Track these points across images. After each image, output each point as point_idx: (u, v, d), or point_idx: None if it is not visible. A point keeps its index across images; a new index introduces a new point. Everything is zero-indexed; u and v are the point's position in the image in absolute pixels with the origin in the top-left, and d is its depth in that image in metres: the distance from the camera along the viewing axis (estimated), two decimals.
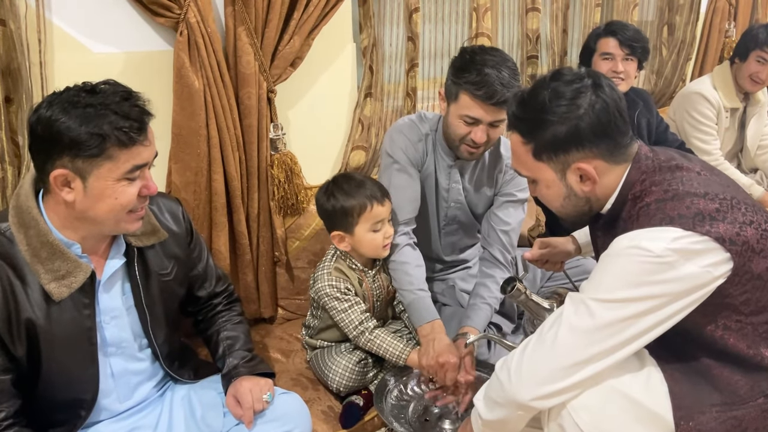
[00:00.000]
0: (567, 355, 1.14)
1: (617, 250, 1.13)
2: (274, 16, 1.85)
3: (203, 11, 1.74)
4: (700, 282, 1.09)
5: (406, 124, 1.90)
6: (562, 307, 1.19)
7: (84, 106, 1.14)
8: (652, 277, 1.08)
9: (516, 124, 1.26)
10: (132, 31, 1.77)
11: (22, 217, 1.20)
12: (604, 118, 1.17)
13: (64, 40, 1.67)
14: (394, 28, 2.37)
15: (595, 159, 1.20)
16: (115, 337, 1.34)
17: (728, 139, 2.98)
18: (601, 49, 2.37)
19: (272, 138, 2.00)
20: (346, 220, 1.73)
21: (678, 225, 1.09)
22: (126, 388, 1.38)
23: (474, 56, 1.68)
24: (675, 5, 3.38)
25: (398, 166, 1.84)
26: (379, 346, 1.72)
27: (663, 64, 3.46)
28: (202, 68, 1.78)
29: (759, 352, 1.15)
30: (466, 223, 1.99)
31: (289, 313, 2.19)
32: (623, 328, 1.11)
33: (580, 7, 2.96)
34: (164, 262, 1.40)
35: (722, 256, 1.09)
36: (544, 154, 1.23)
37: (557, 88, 1.20)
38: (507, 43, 2.77)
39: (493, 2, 2.55)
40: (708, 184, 1.16)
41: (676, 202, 1.13)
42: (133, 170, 1.19)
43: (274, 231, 2.08)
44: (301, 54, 1.97)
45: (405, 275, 1.78)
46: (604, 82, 1.20)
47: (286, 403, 1.45)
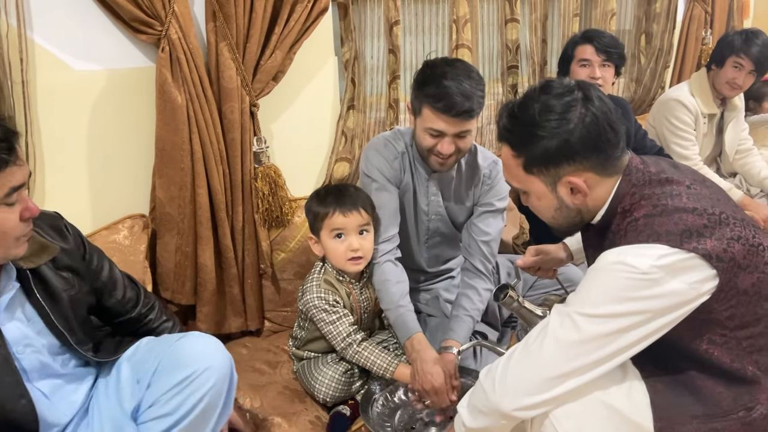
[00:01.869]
0: (551, 367, 1.15)
1: (604, 264, 1.14)
2: (255, 31, 1.87)
3: (184, 27, 1.76)
4: (686, 298, 1.10)
5: (381, 142, 1.91)
6: (548, 318, 1.20)
7: None
8: (637, 293, 1.10)
9: (506, 137, 1.27)
10: (114, 49, 1.78)
11: None
12: (594, 131, 1.18)
13: (46, 58, 1.68)
14: (375, 41, 2.40)
15: (585, 172, 1.21)
16: (35, 363, 1.27)
17: (707, 144, 3.03)
18: (579, 56, 2.41)
19: (256, 151, 2.02)
20: (315, 224, 1.80)
21: (665, 242, 1.10)
22: (64, 401, 1.33)
23: (434, 69, 1.69)
24: (652, 14, 3.44)
25: (377, 185, 1.86)
26: (366, 359, 1.73)
27: (642, 72, 3.51)
28: (185, 84, 1.79)
29: (743, 365, 1.16)
30: (449, 234, 2.01)
31: (275, 325, 2.20)
32: (608, 343, 1.12)
33: (559, 17, 3.01)
34: (64, 277, 1.33)
35: (708, 272, 1.10)
36: (534, 168, 1.23)
37: (547, 101, 1.20)
38: (487, 53, 2.81)
39: (473, 14, 2.58)
40: (698, 198, 1.17)
41: (665, 217, 1.13)
42: (10, 193, 1.12)
43: (259, 244, 2.09)
44: (283, 68, 1.99)
45: (386, 294, 1.80)
46: (594, 94, 1.20)
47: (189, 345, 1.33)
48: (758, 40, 2.74)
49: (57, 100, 1.73)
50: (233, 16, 1.81)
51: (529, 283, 2.07)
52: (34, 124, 1.68)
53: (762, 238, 1.17)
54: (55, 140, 1.74)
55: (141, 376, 1.33)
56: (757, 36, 2.76)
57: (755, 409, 1.15)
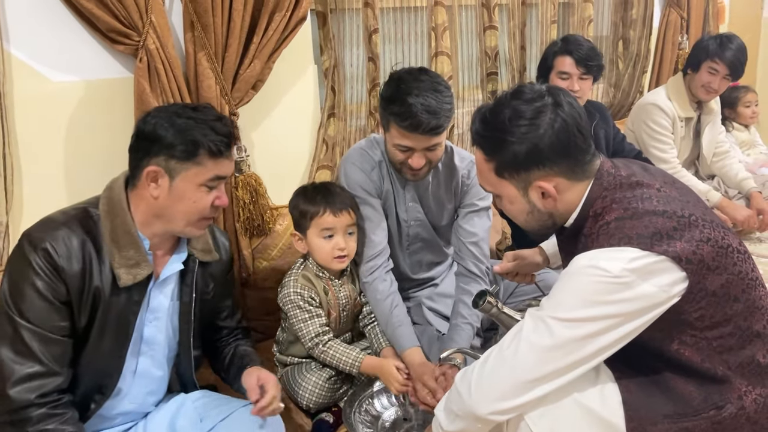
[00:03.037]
0: (526, 371, 1.16)
1: (576, 268, 1.15)
2: (233, 40, 1.88)
3: (162, 37, 1.76)
4: (656, 301, 1.11)
5: (357, 153, 1.91)
6: (522, 322, 1.21)
7: (186, 117, 1.32)
8: (609, 297, 1.10)
9: (478, 142, 1.29)
10: (91, 59, 1.78)
11: (113, 206, 1.34)
12: (563, 137, 1.19)
13: (23, 70, 1.68)
14: (354, 49, 2.41)
15: (555, 177, 1.23)
16: (151, 337, 1.42)
17: (684, 147, 3.08)
18: (558, 68, 2.43)
19: (236, 160, 2.02)
20: (302, 222, 1.80)
21: (636, 245, 1.11)
22: (140, 389, 1.44)
23: (399, 85, 1.67)
24: (628, 20, 3.49)
25: (359, 200, 1.86)
26: (332, 357, 1.75)
27: (620, 77, 3.56)
28: (163, 93, 1.80)
29: (713, 365, 1.18)
30: (429, 239, 2.02)
31: (258, 334, 2.19)
32: (581, 346, 1.13)
33: (537, 24, 3.05)
34: (208, 282, 1.52)
35: (678, 275, 1.11)
36: (505, 172, 1.25)
37: (517, 107, 1.21)
38: (466, 60, 2.84)
39: (451, 21, 2.61)
40: (668, 200, 1.18)
41: (635, 220, 1.14)
42: (214, 179, 1.35)
43: (240, 252, 2.09)
44: (262, 77, 2.00)
45: (381, 314, 1.85)
46: (564, 99, 1.22)
47: None
48: (732, 45, 2.79)
49: (35, 112, 1.72)
50: (211, 25, 1.82)
51: (509, 290, 2.08)
52: (11, 135, 1.68)
53: (731, 239, 1.19)
54: (33, 151, 1.74)
55: (205, 416, 1.46)
56: (732, 41, 2.80)
57: (725, 408, 1.16)
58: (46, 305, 1.24)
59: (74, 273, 1.26)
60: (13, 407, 1.21)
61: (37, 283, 1.23)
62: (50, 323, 1.25)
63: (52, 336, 1.25)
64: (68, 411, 1.27)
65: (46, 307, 1.24)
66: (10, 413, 1.22)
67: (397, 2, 2.54)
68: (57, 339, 1.26)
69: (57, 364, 1.25)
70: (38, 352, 1.23)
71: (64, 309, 1.26)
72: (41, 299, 1.24)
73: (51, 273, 1.24)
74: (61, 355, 1.27)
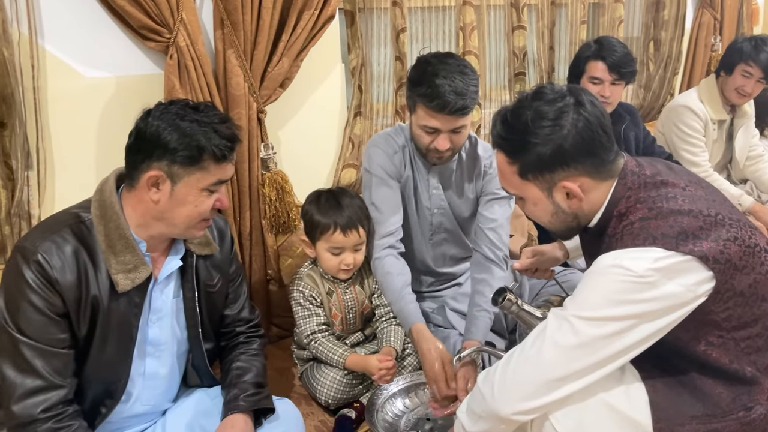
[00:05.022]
0: (550, 371, 1.15)
1: (601, 268, 1.14)
2: (262, 38, 1.89)
3: (192, 35, 1.78)
4: (682, 300, 1.10)
5: (382, 137, 1.93)
6: (545, 322, 1.20)
7: (190, 120, 1.27)
8: (633, 296, 1.09)
9: (500, 144, 1.27)
10: (123, 56, 1.81)
11: (105, 210, 1.30)
12: (587, 136, 1.18)
13: (57, 65, 1.71)
14: (381, 48, 2.42)
15: (580, 177, 1.22)
16: (156, 337, 1.40)
17: (717, 150, 3.02)
18: (590, 73, 2.39)
19: (263, 157, 2.03)
20: (312, 232, 1.81)
21: (661, 245, 1.10)
22: (151, 390, 1.43)
23: (426, 67, 1.70)
24: (660, 21, 3.44)
25: (377, 180, 1.88)
26: (321, 353, 1.78)
27: (650, 79, 3.51)
28: (192, 90, 1.82)
29: (741, 366, 1.16)
30: (452, 230, 2.01)
31: (282, 330, 2.20)
32: (606, 345, 1.12)
33: (566, 24, 3.02)
34: (212, 274, 1.49)
35: (705, 274, 1.10)
36: (529, 174, 1.24)
37: (539, 108, 1.20)
38: (494, 61, 2.82)
39: (480, 21, 2.60)
40: (693, 200, 1.17)
41: (660, 220, 1.13)
42: (217, 183, 1.32)
43: (266, 249, 2.10)
44: (290, 75, 2.01)
45: (389, 287, 1.82)
46: (586, 98, 1.21)
47: (279, 408, 1.49)
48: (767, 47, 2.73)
49: (67, 107, 1.75)
50: (241, 23, 1.84)
51: (534, 290, 2.07)
52: (45, 129, 1.71)
53: (759, 238, 1.17)
54: (65, 146, 1.77)
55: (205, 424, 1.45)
56: (767, 43, 2.74)
57: (754, 410, 1.14)
58: (44, 319, 1.21)
59: (69, 284, 1.23)
60: (19, 422, 1.21)
61: (32, 298, 1.20)
62: (49, 337, 1.22)
63: (52, 349, 1.23)
64: (75, 422, 1.25)
65: (44, 320, 1.21)
66: (17, 428, 1.22)
67: (425, 1, 2.53)
68: (57, 352, 1.23)
69: (59, 376, 1.23)
70: (39, 367, 1.21)
71: (62, 321, 1.24)
72: (38, 313, 1.21)
73: (45, 286, 1.21)
74: (63, 367, 1.24)
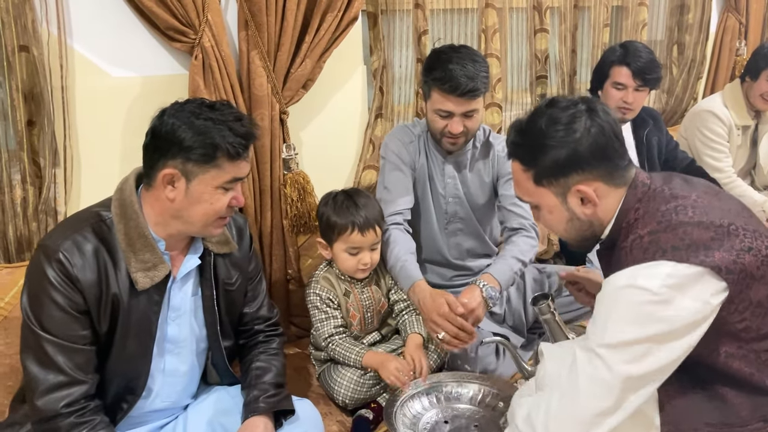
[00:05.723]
0: (592, 405, 1.13)
1: (614, 289, 1.14)
2: (286, 39, 1.90)
3: (217, 36, 1.80)
4: (702, 315, 1.09)
5: (400, 128, 2.05)
6: (574, 355, 1.18)
7: (204, 119, 1.28)
8: (653, 315, 1.09)
9: (516, 152, 1.30)
10: (149, 56, 1.84)
11: (125, 209, 1.31)
12: (601, 140, 1.20)
13: (85, 65, 1.74)
14: (403, 50, 2.42)
15: (594, 181, 1.23)
16: (175, 335, 1.42)
17: (740, 156, 2.98)
18: (614, 78, 2.37)
19: (285, 158, 2.05)
20: (329, 233, 1.82)
21: (671, 258, 1.10)
22: (171, 387, 1.45)
23: (440, 55, 1.83)
24: (684, 25, 3.41)
25: (391, 165, 1.96)
26: (339, 354, 1.79)
27: (674, 83, 3.47)
28: (216, 91, 1.84)
29: (762, 378, 1.15)
30: (467, 218, 2.05)
31: (301, 330, 2.21)
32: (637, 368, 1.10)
33: (589, 27, 3.00)
34: (230, 272, 1.50)
35: (718, 285, 1.09)
36: (544, 179, 1.25)
37: (553, 114, 1.23)
38: (516, 63, 2.81)
39: (502, 24, 2.59)
40: (705, 211, 1.15)
41: (669, 233, 1.13)
42: (232, 181, 1.32)
43: (286, 249, 2.11)
44: (312, 76, 2.02)
45: (391, 252, 1.86)
46: (599, 107, 1.24)
47: (299, 409, 1.50)
48: None
49: (94, 106, 1.78)
50: (265, 24, 1.85)
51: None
52: (72, 128, 1.74)
53: None
54: (92, 144, 1.79)
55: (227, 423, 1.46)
56: None
57: None
58: (65, 316, 1.24)
59: (90, 282, 1.25)
60: (42, 417, 1.24)
61: (54, 296, 1.23)
62: (71, 333, 1.25)
63: (74, 346, 1.25)
64: (97, 417, 1.27)
65: (65, 318, 1.24)
66: (40, 423, 1.25)
67: (447, 4, 2.53)
68: (79, 348, 1.26)
69: (81, 372, 1.26)
70: (61, 363, 1.24)
71: (83, 318, 1.26)
72: (59, 311, 1.24)
73: (67, 284, 1.24)
74: (85, 363, 1.27)
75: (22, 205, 1.71)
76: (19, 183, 1.71)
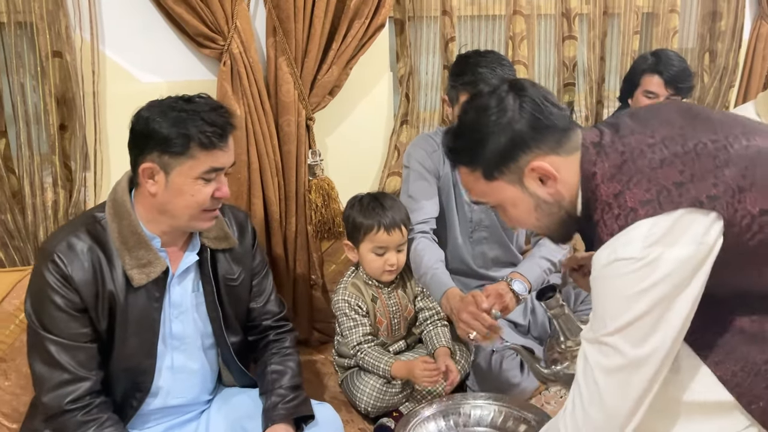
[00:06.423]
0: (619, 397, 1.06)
1: (600, 270, 1.05)
2: (313, 46, 1.91)
3: (246, 42, 1.82)
4: (699, 258, 0.99)
5: (422, 137, 2.04)
6: (583, 353, 1.11)
7: (179, 110, 1.29)
8: (646, 282, 0.99)
9: (456, 158, 1.22)
10: (178, 62, 1.86)
11: (117, 209, 1.34)
12: (536, 111, 1.11)
13: (116, 70, 1.77)
14: (430, 57, 2.41)
15: (545, 156, 1.12)
16: (180, 331, 1.43)
17: None
18: (646, 87, 2.33)
19: (310, 164, 2.06)
20: (355, 234, 1.83)
21: (644, 214, 1.00)
22: (181, 383, 1.46)
23: (468, 60, 1.84)
24: (716, 32, 3.34)
25: (415, 174, 1.95)
26: (368, 363, 1.78)
27: (705, 91, 3.41)
28: (244, 97, 1.85)
29: None
30: (492, 227, 2.04)
31: (324, 336, 2.22)
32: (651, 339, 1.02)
33: (618, 34, 2.96)
34: (232, 268, 1.50)
35: (707, 218, 0.99)
36: (495, 171, 1.15)
37: (479, 104, 1.16)
38: (543, 70, 2.78)
39: (529, 30, 2.57)
40: (664, 144, 1.05)
41: (634, 189, 1.03)
42: (210, 171, 1.31)
43: (310, 254, 2.12)
44: (339, 83, 2.03)
45: (421, 261, 1.83)
46: (524, 82, 1.16)
47: (319, 413, 1.49)
48: None
49: (124, 111, 1.79)
50: (293, 31, 1.87)
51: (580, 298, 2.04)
52: (103, 132, 1.77)
53: (762, 140, 1.05)
54: (122, 148, 1.80)
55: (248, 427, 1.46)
56: None
57: None
58: (64, 316, 1.28)
59: (84, 281, 1.28)
60: (49, 414, 1.28)
61: (53, 296, 1.27)
62: (71, 332, 1.28)
63: (76, 344, 1.28)
64: (103, 414, 1.30)
65: (65, 317, 1.28)
66: (49, 420, 1.29)
67: (475, 10, 2.52)
68: (80, 346, 1.29)
69: (84, 369, 1.29)
70: (64, 362, 1.27)
71: (81, 317, 1.29)
72: (58, 310, 1.27)
73: (62, 284, 1.27)
74: (87, 360, 1.30)
75: (53, 208, 1.75)
76: (50, 186, 1.74)
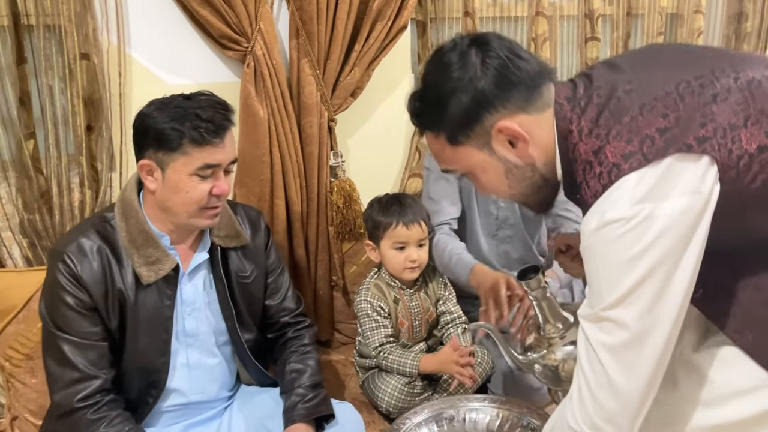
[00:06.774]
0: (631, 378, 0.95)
1: (589, 237, 0.95)
2: (336, 48, 1.92)
3: (269, 44, 1.83)
4: (695, 210, 0.89)
5: None
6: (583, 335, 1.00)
7: (175, 107, 1.30)
8: (642, 243, 0.89)
9: (420, 122, 1.12)
10: (203, 64, 1.88)
11: (126, 208, 1.36)
12: (500, 66, 1.01)
13: (142, 72, 1.79)
14: None
15: (513, 116, 1.02)
16: (193, 328, 1.44)
17: None
18: None
19: (332, 165, 2.06)
20: (375, 232, 1.83)
21: (629, 168, 0.90)
22: (198, 380, 1.47)
23: None
24: (742, 33, 3.29)
25: (435, 175, 1.95)
26: (392, 362, 1.77)
27: None
28: (267, 98, 1.86)
29: None
30: (516, 225, 2.03)
31: (345, 337, 2.22)
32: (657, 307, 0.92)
33: (642, 35, 2.93)
34: (244, 265, 1.50)
35: (699, 163, 0.90)
36: (459, 134, 1.05)
37: (440, 60, 1.05)
38: (566, 72, 2.77)
39: (552, 32, 2.56)
40: (643, 87, 0.96)
41: (615, 141, 0.93)
42: (204, 168, 1.30)
43: (331, 255, 2.13)
44: (361, 84, 2.03)
45: (444, 251, 1.85)
46: (491, 35, 1.05)
47: (340, 413, 1.50)
48: None
49: None
50: (315, 33, 1.87)
51: None
52: (128, 133, 1.78)
53: (752, 72, 0.95)
54: None
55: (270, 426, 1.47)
56: None
57: None
58: (75, 314, 1.30)
59: (94, 280, 1.30)
60: (62, 411, 1.30)
61: (64, 296, 1.29)
62: (82, 330, 1.30)
63: (86, 342, 1.31)
64: (113, 411, 1.31)
65: (76, 316, 1.30)
66: (61, 419, 1.31)
67: (497, 12, 2.52)
68: (92, 344, 1.31)
69: (94, 368, 1.31)
70: (75, 361, 1.29)
71: (92, 315, 1.31)
72: (69, 309, 1.29)
73: (73, 283, 1.29)
74: (98, 358, 1.32)
75: (79, 208, 1.77)
76: (77, 186, 1.77)
